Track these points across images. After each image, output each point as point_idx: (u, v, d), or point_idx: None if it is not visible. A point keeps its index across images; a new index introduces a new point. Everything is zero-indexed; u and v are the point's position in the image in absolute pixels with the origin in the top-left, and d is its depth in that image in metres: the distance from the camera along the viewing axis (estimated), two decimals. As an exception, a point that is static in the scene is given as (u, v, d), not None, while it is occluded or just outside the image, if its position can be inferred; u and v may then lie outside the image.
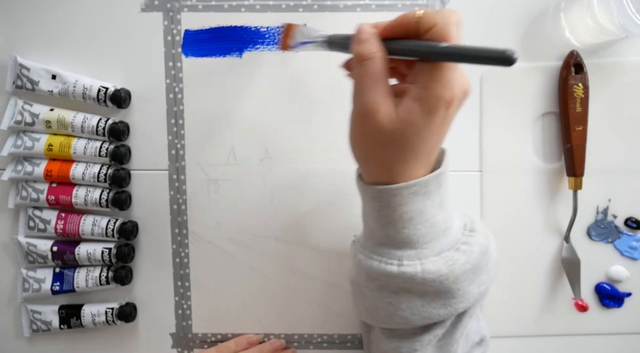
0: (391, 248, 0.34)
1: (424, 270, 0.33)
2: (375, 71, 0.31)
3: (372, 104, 0.31)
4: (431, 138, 0.31)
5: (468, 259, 0.34)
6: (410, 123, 0.30)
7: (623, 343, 0.50)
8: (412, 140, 0.31)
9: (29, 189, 0.47)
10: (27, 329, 0.49)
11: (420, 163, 0.32)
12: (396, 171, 0.32)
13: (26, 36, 0.47)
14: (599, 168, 0.48)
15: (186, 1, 0.47)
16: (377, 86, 0.31)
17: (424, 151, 0.32)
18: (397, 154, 0.32)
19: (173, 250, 0.49)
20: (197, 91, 0.48)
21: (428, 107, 0.30)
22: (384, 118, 0.31)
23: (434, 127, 0.31)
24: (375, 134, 0.32)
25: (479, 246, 0.35)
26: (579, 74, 0.46)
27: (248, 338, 0.49)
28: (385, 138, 0.31)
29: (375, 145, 0.32)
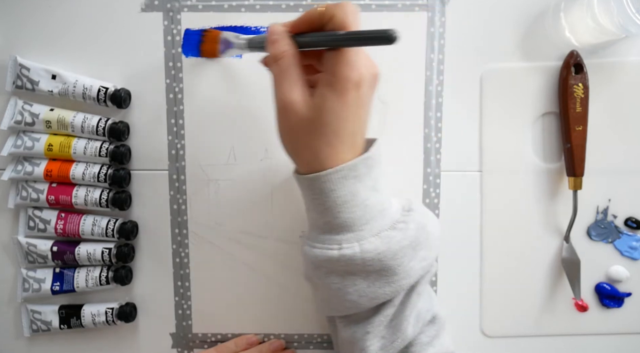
0: (331, 234, 0.36)
1: (362, 250, 0.34)
2: (288, 67, 0.34)
3: (289, 96, 0.34)
4: (349, 119, 0.34)
5: (404, 236, 0.35)
6: (325, 108, 0.33)
7: (623, 343, 0.50)
8: (331, 123, 0.33)
9: (29, 189, 0.47)
10: (27, 329, 0.49)
11: (346, 147, 0.34)
12: (324, 157, 0.34)
13: (26, 36, 0.47)
14: (599, 168, 0.48)
15: (186, 1, 0.47)
16: (291, 80, 0.34)
17: (347, 134, 0.34)
18: (321, 139, 0.34)
19: (173, 250, 0.49)
20: (197, 91, 0.48)
21: (338, 89, 0.33)
22: (301, 108, 0.34)
23: (349, 108, 0.33)
24: (296, 124, 0.34)
25: (416, 223, 0.37)
26: (579, 74, 0.46)
27: (248, 338, 0.49)
28: (306, 126, 0.34)
29: (299, 135, 0.35)
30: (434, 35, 0.47)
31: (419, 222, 0.37)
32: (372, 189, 0.36)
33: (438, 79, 0.48)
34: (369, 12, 0.47)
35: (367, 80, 0.34)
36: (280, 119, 0.36)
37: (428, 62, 0.47)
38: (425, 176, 0.48)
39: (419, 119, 0.48)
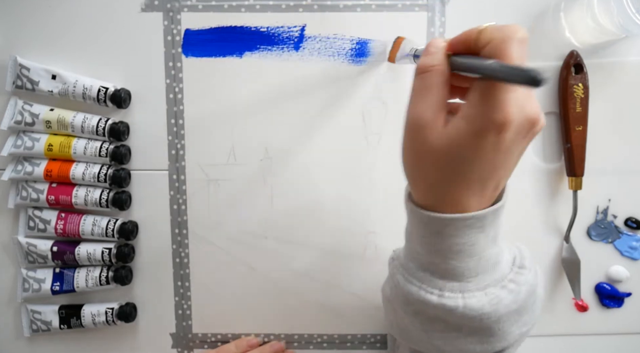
0: (433, 275, 0.33)
1: (465, 305, 0.31)
2: (432, 84, 0.29)
3: (422, 116, 0.29)
4: (482, 165, 0.29)
5: (514, 299, 0.32)
6: (456, 143, 0.28)
7: (623, 343, 0.50)
8: (460, 162, 0.29)
9: (29, 189, 0.47)
10: (27, 329, 0.49)
11: (472, 192, 0.30)
12: (445, 197, 0.30)
13: (26, 36, 0.47)
14: (599, 168, 0.48)
15: (186, 1, 0.47)
16: (430, 99, 0.29)
17: (476, 179, 0.29)
18: (445, 177, 0.30)
19: (173, 250, 0.49)
20: (197, 91, 0.48)
21: (475, 128, 0.27)
22: (432, 133, 0.29)
23: (484, 152, 0.28)
24: (422, 150, 0.30)
25: (528, 286, 0.33)
26: (579, 74, 0.46)
27: (248, 340, 0.49)
28: (432, 156, 0.29)
29: (422, 162, 0.30)
30: (434, 35, 0.47)
31: (532, 284, 0.33)
32: (493, 240, 0.32)
33: (438, 79, 0.48)
34: (369, 12, 0.47)
35: (516, 124, 0.27)
36: (407, 138, 0.31)
37: (428, 62, 0.47)
38: (425, 176, 0.48)
39: (419, 119, 0.48)
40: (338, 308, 0.50)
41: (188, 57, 0.47)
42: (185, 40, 0.47)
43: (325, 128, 0.48)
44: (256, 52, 0.47)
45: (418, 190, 0.32)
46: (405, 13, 0.47)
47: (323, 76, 0.47)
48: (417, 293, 0.33)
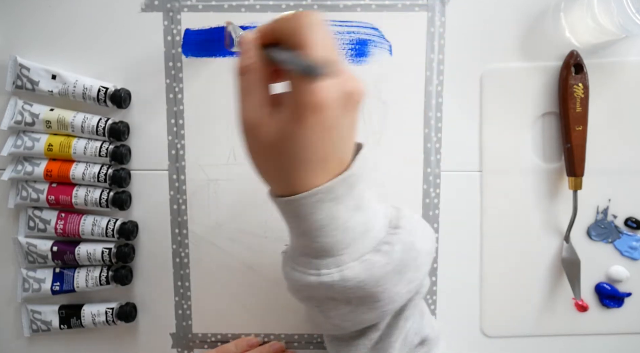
0: (310, 257, 0.33)
1: (342, 277, 0.32)
2: (251, 83, 0.31)
3: (249, 117, 0.31)
4: (314, 145, 0.30)
5: (388, 260, 0.33)
6: (284, 133, 0.30)
7: (623, 343, 0.50)
8: (294, 149, 0.30)
9: (29, 189, 0.47)
10: (27, 329, 0.49)
11: (316, 171, 0.31)
12: (295, 181, 0.31)
13: (26, 36, 0.47)
14: (599, 168, 0.48)
15: (186, 1, 0.47)
16: (253, 99, 0.31)
17: (315, 159, 0.30)
18: (288, 164, 0.31)
19: (173, 250, 0.49)
20: (197, 91, 0.48)
21: (295, 115, 0.29)
22: (264, 130, 0.30)
23: (311, 133, 0.29)
24: (259, 147, 0.32)
25: (402, 244, 0.33)
26: (579, 74, 0.46)
27: (248, 340, 0.49)
28: (269, 150, 0.31)
29: (263, 157, 0.32)
30: (434, 35, 0.47)
31: (406, 241, 0.34)
32: (355, 209, 0.33)
33: (438, 79, 0.48)
34: (369, 12, 0.47)
35: (335, 100, 0.29)
36: (245, 139, 0.32)
37: (428, 62, 0.47)
38: (425, 176, 0.48)
39: (419, 119, 0.48)
40: (338, 308, 0.50)
41: (188, 57, 0.47)
42: (185, 40, 0.47)
43: (325, 128, 0.48)
44: (256, 52, 0.47)
45: (271, 183, 0.34)
46: (405, 13, 0.47)
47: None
48: (300, 277, 0.34)
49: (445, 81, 0.48)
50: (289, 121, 0.29)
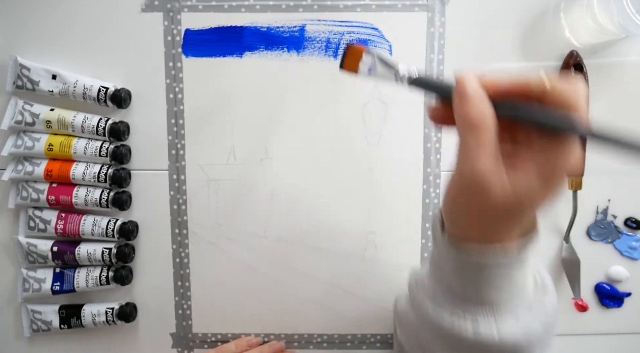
0: (467, 303, 0.31)
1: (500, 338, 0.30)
2: (488, 134, 0.27)
3: (484, 176, 0.27)
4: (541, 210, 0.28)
5: (542, 319, 0.31)
6: (528, 198, 0.27)
7: (623, 343, 0.50)
8: (527, 212, 0.28)
9: (30, 189, 0.47)
10: (28, 329, 0.49)
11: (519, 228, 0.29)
12: (493, 237, 0.29)
13: (26, 36, 0.47)
14: (599, 168, 0.48)
15: (186, 1, 0.47)
16: (489, 151, 0.27)
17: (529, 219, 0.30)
18: (506, 226, 0.29)
19: (173, 249, 0.49)
20: (197, 91, 0.48)
21: (551, 183, 0.27)
22: (497, 192, 0.27)
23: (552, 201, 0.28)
24: (484, 207, 0.28)
25: (551, 306, 0.32)
26: (578, 74, 0.46)
27: (248, 340, 0.49)
28: (496, 212, 0.28)
29: (482, 216, 0.29)
30: (434, 35, 0.47)
31: (553, 305, 0.32)
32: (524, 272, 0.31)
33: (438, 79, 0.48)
34: (369, 12, 0.47)
35: None
36: (464, 194, 0.29)
37: (428, 62, 0.47)
38: (425, 176, 0.48)
39: (419, 119, 0.48)
40: (338, 308, 0.50)
41: (188, 57, 0.47)
42: (185, 40, 0.47)
43: (325, 128, 0.48)
44: (256, 52, 0.47)
45: (464, 233, 0.30)
46: (405, 13, 0.47)
47: (323, 76, 0.47)
48: (450, 324, 0.32)
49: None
50: (538, 186, 0.27)
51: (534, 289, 0.32)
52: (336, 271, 0.49)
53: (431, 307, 0.33)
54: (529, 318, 0.31)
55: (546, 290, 0.32)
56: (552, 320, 0.32)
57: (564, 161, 0.26)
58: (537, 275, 0.33)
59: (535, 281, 0.33)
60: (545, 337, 0.31)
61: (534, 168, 0.27)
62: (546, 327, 0.31)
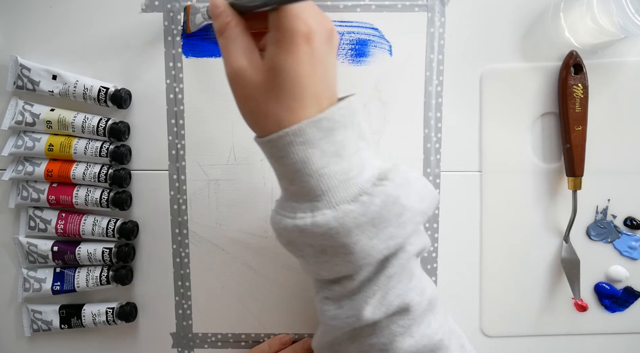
0: (291, 201, 0.33)
1: (313, 222, 0.31)
2: (233, 36, 0.32)
3: (236, 63, 0.32)
4: (305, 78, 0.31)
5: (364, 211, 0.31)
6: (276, 67, 0.30)
7: (623, 343, 0.50)
8: (286, 84, 0.31)
9: (30, 189, 0.47)
10: (28, 329, 0.49)
11: (308, 108, 0.31)
12: (283, 121, 0.31)
13: (27, 36, 0.47)
14: (598, 168, 0.48)
15: (186, 1, 0.47)
16: (237, 47, 0.32)
17: (307, 96, 0.31)
18: (278, 103, 0.31)
19: (173, 250, 0.49)
20: (197, 91, 0.48)
21: (286, 45, 0.30)
22: (252, 73, 0.31)
23: (302, 65, 0.30)
24: (250, 91, 0.32)
25: (384, 196, 0.32)
26: (578, 75, 0.46)
27: (280, 338, 0.49)
28: (261, 91, 0.31)
29: (255, 102, 0.32)
30: (434, 35, 0.47)
31: (390, 195, 0.32)
32: (334, 156, 0.32)
33: (438, 79, 0.48)
34: (369, 12, 0.47)
35: (319, 33, 0.31)
36: (233, 89, 0.33)
37: (428, 63, 0.47)
38: (425, 176, 0.49)
39: (419, 119, 0.48)
40: (338, 308, 0.50)
41: (188, 58, 0.48)
42: (185, 40, 0.47)
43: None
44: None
45: (261, 128, 0.33)
46: (405, 13, 0.47)
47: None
48: (279, 220, 0.33)
49: (445, 81, 0.48)
50: (278, 54, 0.30)
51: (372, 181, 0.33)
52: (336, 271, 0.49)
53: (272, 215, 0.35)
54: (350, 207, 0.31)
55: (382, 181, 0.32)
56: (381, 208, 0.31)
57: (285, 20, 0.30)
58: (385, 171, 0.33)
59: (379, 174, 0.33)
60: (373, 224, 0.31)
61: (271, 39, 0.31)
62: (371, 214, 0.31)
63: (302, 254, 0.34)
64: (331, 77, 0.33)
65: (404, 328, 0.34)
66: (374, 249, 0.32)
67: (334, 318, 0.34)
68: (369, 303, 0.33)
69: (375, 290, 0.33)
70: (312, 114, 0.31)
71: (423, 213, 0.34)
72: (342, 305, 0.34)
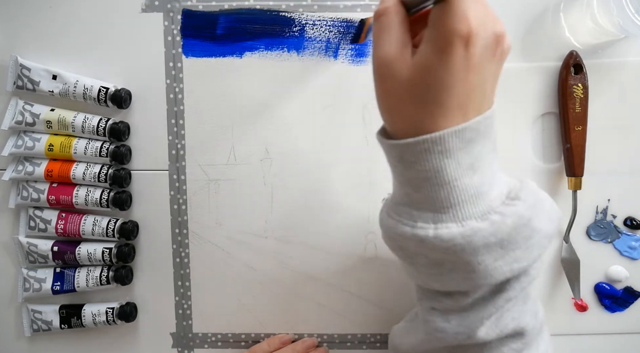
0: (410, 207, 0.31)
1: (436, 235, 0.30)
2: (389, 24, 0.29)
3: (386, 54, 0.29)
4: (457, 85, 0.28)
5: (494, 231, 0.29)
6: (426, 68, 0.28)
7: (623, 343, 0.50)
8: (434, 87, 0.28)
9: (30, 189, 0.47)
10: (28, 329, 0.49)
11: (451, 117, 0.29)
12: (422, 126, 0.29)
13: (27, 37, 0.48)
14: (598, 168, 0.48)
15: (186, 1, 0.47)
16: (391, 37, 0.29)
17: (453, 102, 0.28)
18: (421, 106, 0.29)
19: (173, 249, 0.49)
20: (197, 91, 0.48)
21: (441, 46, 0.27)
22: (400, 67, 0.29)
23: (455, 69, 0.27)
24: (394, 86, 0.29)
25: (516, 218, 0.30)
26: (578, 75, 0.46)
27: (280, 338, 0.49)
28: (405, 88, 0.29)
29: (396, 97, 0.30)
30: (433, 35, 0.47)
31: (522, 216, 0.30)
32: (469, 169, 0.30)
33: (438, 79, 0.48)
34: (369, 12, 0.47)
35: (482, 37, 0.27)
36: (376, 80, 0.31)
37: (428, 63, 0.47)
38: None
39: (419, 119, 0.48)
40: (338, 308, 0.50)
41: (188, 58, 0.48)
42: (185, 40, 0.47)
43: (325, 128, 0.48)
44: (256, 52, 0.47)
45: (395, 125, 0.31)
46: (405, 13, 0.47)
47: (323, 76, 0.47)
48: (395, 225, 0.32)
49: (445, 81, 0.48)
50: (433, 53, 0.28)
51: (502, 200, 0.31)
52: (336, 271, 0.49)
53: (384, 216, 0.34)
54: (480, 225, 0.30)
55: (514, 201, 0.31)
56: (512, 230, 0.30)
57: (446, 18, 0.27)
58: (515, 189, 0.32)
59: (509, 193, 0.32)
60: (501, 245, 0.30)
61: (426, 36, 0.28)
62: (500, 235, 0.30)
63: (412, 261, 0.33)
64: (487, 88, 0.30)
65: (515, 352, 0.33)
66: (497, 271, 0.30)
67: (441, 331, 0.33)
68: (484, 323, 0.32)
69: (492, 311, 0.32)
70: (454, 124, 0.29)
71: (551, 236, 0.32)
72: (449, 319, 0.33)
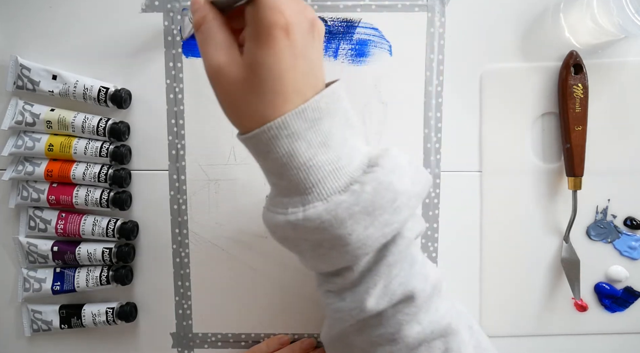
0: (281, 196, 0.32)
1: (305, 217, 0.30)
2: (210, 31, 0.31)
3: (215, 60, 0.31)
4: (287, 73, 0.29)
5: (356, 200, 0.30)
6: (256, 63, 0.29)
7: (623, 343, 0.50)
8: (267, 79, 0.29)
9: (30, 189, 0.47)
10: (28, 329, 0.49)
11: (291, 103, 0.30)
12: (267, 116, 0.30)
13: (27, 36, 0.47)
14: (598, 168, 0.48)
15: (186, 1, 0.47)
16: (215, 43, 0.31)
17: (289, 88, 0.30)
18: (261, 98, 0.30)
19: (173, 249, 0.49)
20: (197, 91, 0.48)
21: (263, 39, 0.29)
22: (231, 69, 0.30)
23: (282, 59, 0.29)
24: (230, 88, 0.31)
25: (375, 183, 0.31)
26: (578, 75, 0.46)
27: (279, 338, 0.49)
28: (242, 86, 0.30)
29: (236, 97, 0.31)
30: (434, 35, 0.47)
31: (382, 181, 0.31)
32: (321, 146, 0.31)
33: (438, 80, 0.48)
34: (369, 12, 0.47)
35: (298, 24, 0.29)
36: (213, 86, 0.32)
37: (428, 63, 0.47)
38: (425, 176, 0.49)
39: (419, 119, 0.48)
40: (338, 308, 0.50)
41: (188, 58, 0.48)
42: (185, 40, 0.47)
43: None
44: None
45: (244, 124, 0.32)
46: (405, 13, 0.47)
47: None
48: (271, 217, 0.33)
49: (445, 81, 0.48)
50: (256, 49, 0.29)
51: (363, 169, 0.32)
52: (336, 271, 0.49)
53: (264, 212, 0.34)
54: (342, 198, 0.30)
55: (372, 168, 0.31)
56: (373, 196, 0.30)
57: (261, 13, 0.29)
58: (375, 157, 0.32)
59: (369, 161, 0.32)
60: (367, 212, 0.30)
61: (248, 34, 0.30)
62: (363, 203, 0.30)
63: (298, 249, 0.34)
64: (316, 69, 0.31)
65: (411, 316, 0.33)
66: (370, 238, 0.31)
67: (338, 311, 0.34)
68: (371, 293, 0.32)
69: (376, 280, 0.32)
70: (295, 107, 0.30)
71: (417, 195, 0.33)
72: (344, 297, 0.33)
